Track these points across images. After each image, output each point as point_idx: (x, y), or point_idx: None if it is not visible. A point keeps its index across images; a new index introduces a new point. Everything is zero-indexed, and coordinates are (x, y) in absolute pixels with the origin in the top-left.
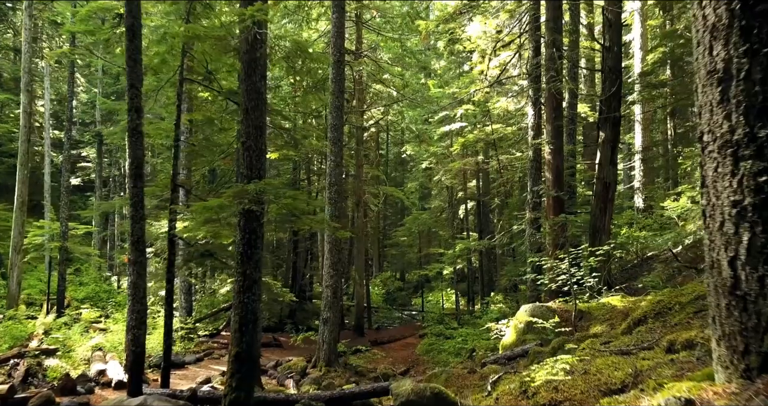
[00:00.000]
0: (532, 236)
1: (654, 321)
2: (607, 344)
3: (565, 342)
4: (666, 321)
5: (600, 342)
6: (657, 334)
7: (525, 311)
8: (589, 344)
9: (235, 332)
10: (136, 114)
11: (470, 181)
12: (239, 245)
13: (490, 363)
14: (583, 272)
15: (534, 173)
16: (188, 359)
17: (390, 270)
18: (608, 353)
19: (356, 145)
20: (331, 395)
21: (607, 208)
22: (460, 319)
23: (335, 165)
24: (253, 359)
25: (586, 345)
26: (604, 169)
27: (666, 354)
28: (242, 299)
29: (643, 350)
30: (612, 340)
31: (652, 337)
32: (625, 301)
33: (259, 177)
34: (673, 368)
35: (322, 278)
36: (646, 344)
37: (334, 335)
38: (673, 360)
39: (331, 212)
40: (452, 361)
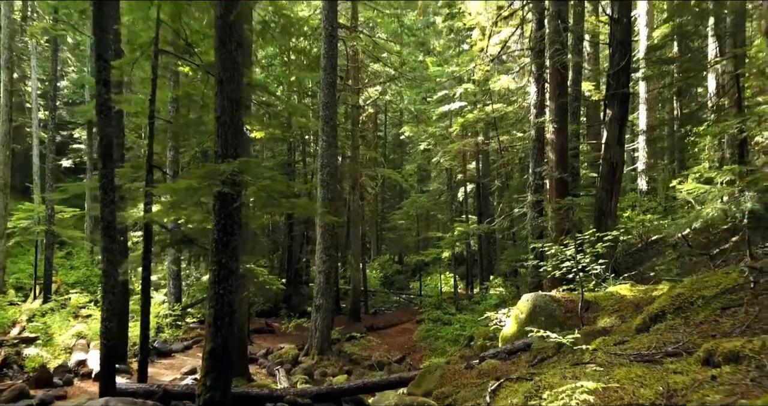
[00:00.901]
0: (533, 220)
1: (674, 317)
2: (622, 345)
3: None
4: (689, 318)
5: (613, 341)
6: (680, 334)
7: (527, 301)
8: (600, 343)
9: (209, 326)
10: (105, 88)
11: (470, 163)
12: (214, 232)
13: (489, 357)
14: (589, 259)
15: (536, 154)
16: (176, 347)
17: (389, 253)
18: (627, 360)
19: (351, 125)
20: (318, 390)
21: (613, 190)
22: (459, 304)
23: (327, 145)
24: (229, 355)
25: (597, 345)
26: (610, 149)
27: (703, 367)
28: (218, 291)
29: (669, 356)
30: (627, 339)
31: (675, 338)
32: (635, 290)
33: (235, 156)
34: (719, 389)
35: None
36: (670, 349)
37: (326, 323)
38: (715, 377)
39: (324, 195)
40: (450, 349)
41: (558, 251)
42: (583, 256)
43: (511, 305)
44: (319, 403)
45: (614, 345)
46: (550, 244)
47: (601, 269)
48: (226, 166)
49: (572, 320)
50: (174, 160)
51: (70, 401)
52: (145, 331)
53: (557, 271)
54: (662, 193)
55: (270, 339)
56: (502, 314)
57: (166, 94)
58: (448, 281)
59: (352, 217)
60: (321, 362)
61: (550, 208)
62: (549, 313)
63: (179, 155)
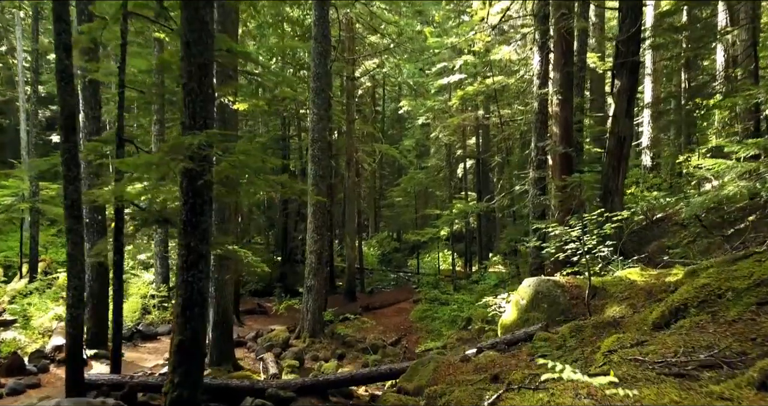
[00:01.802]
0: (535, 198)
1: (699, 312)
2: (641, 347)
3: (577, 329)
4: (717, 315)
5: (630, 340)
6: (711, 335)
7: (528, 286)
8: (615, 343)
9: (177, 316)
10: (65, 53)
11: (470, 138)
12: (182, 212)
13: (487, 348)
14: (596, 240)
15: (539, 127)
16: (162, 329)
17: (387, 230)
18: (653, 370)
19: (347, 98)
20: (302, 383)
21: (620, 166)
22: (456, 284)
23: (319, 119)
24: (200, 348)
25: (611, 345)
26: (618, 122)
27: (759, 393)
28: (186, 278)
29: (705, 368)
30: (645, 339)
31: (705, 341)
32: (646, 275)
33: (204, 127)
34: None
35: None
36: (703, 356)
37: (318, 304)
38: None
39: (315, 172)
40: (446, 332)
41: (563, 232)
42: (590, 237)
43: (510, 286)
44: (303, 396)
45: (632, 346)
46: (554, 224)
47: (608, 251)
48: (192, 139)
49: (578, 308)
50: (159, 135)
51: (42, 390)
52: (118, 318)
53: (561, 253)
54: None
55: (261, 320)
56: (501, 299)
57: (144, 63)
58: (446, 259)
59: (348, 194)
60: (313, 345)
61: (553, 185)
62: (552, 300)
63: (165, 129)
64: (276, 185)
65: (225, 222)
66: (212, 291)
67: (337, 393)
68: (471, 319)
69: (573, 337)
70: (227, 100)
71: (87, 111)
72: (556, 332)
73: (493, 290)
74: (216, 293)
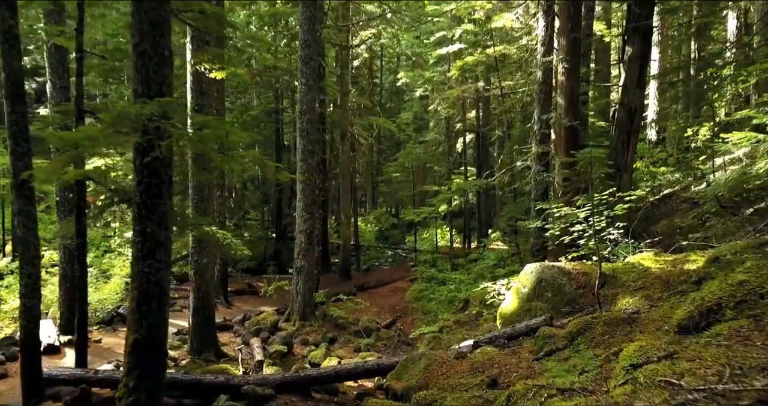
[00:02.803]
0: (538, 175)
1: (738, 316)
2: (671, 362)
3: (586, 325)
4: (761, 321)
5: (655, 351)
6: (759, 349)
7: (531, 273)
8: (636, 354)
9: (133, 312)
10: (9, 12)
11: (469, 111)
12: (135, 193)
13: (485, 343)
14: (605, 222)
15: (543, 99)
16: None
17: (385, 206)
18: None
19: (340, 69)
20: (282, 379)
21: (630, 140)
22: (454, 262)
23: (307, 89)
24: (160, 347)
25: (631, 357)
26: (629, 92)
27: None
28: (142, 268)
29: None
30: (675, 350)
31: (755, 358)
32: (661, 261)
33: (160, 95)
34: None
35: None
36: (759, 385)
37: (309, 286)
38: None
39: (304, 146)
40: (443, 315)
41: (570, 213)
42: (599, 219)
43: (510, 265)
44: (284, 393)
45: (659, 360)
46: (560, 204)
47: (618, 233)
48: (141, 109)
49: (585, 298)
50: None
51: (6, 381)
52: (82, 307)
53: (566, 236)
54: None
55: (251, 302)
56: (501, 285)
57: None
58: (444, 235)
59: (343, 169)
60: (303, 328)
61: (558, 161)
62: (557, 288)
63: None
64: (250, 162)
65: (204, 201)
66: (192, 275)
67: (321, 389)
68: (468, 300)
69: (582, 335)
70: (203, 69)
71: (54, 80)
72: (562, 325)
73: (491, 270)
74: (196, 277)
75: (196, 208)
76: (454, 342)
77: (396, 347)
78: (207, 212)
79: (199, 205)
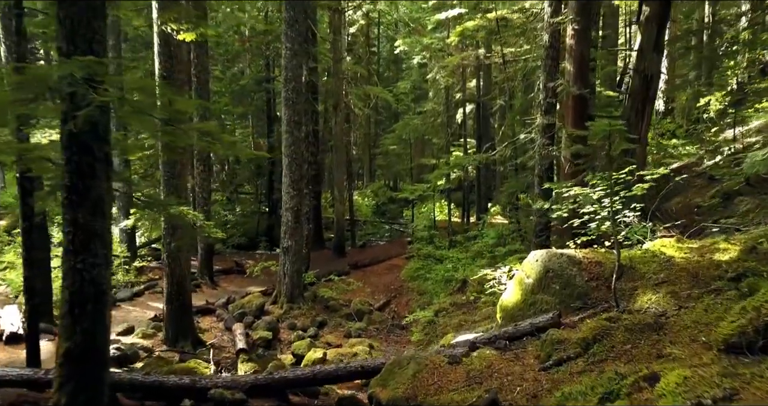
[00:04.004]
0: (542, 149)
1: None
2: None
3: (604, 330)
4: None
5: (709, 390)
6: None
7: (536, 261)
8: (681, 386)
9: (64, 316)
10: None
11: (470, 80)
12: (64, 175)
13: (483, 343)
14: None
15: (549, 65)
16: (123, 295)
17: (383, 179)
18: None
19: (333, 34)
20: (255, 381)
21: (645, 110)
22: (453, 240)
23: (292, 55)
24: (99, 356)
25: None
26: (645, 58)
27: None
28: (74, 264)
29: None
30: (735, 389)
31: None
32: (685, 248)
33: (91, 53)
34: None
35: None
36: None
37: (297, 267)
38: None
39: (290, 116)
40: (438, 299)
41: (583, 194)
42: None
43: (511, 244)
44: (256, 397)
45: (714, 402)
46: (569, 184)
47: (634, 216)
48: (59, 70)
49: (599, 292)
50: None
51: None
52: (32, 298)
53: (576, 219)
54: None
55: (239, 281)
56: (501, 273)
57: None
58: (443, 209)
59: (336, 142)
60: (290, 311)
61: (565, 133)
62: (566, 280)
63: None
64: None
65: (176, 178)
66: (165, 258)
67: (300, 391)
68: (466, 281)
69: (599, 342)
70: (170, 29)
71: (9, 44)
72: (572, 324)
73: (491, 249)
74: (169, 261)
75: (168, 185)
76: (449, 328)
77: (389, 332)
78: (179, 189)
79: (171, 182)
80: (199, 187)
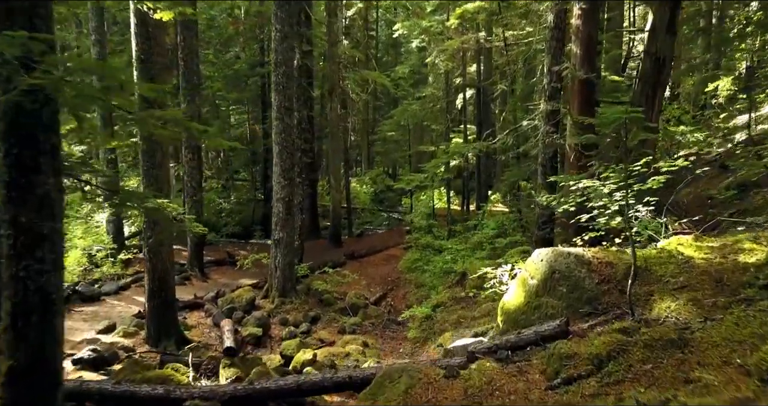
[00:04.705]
0: (546, 136)
1: None
2: None
3: (619, 345)
4: None
5: None
6: None
7: (541, 261)
8: None
9: (6, 330)
10: None
11: (470, 65)
12: (3, 168)
13: (483, 353)
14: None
15: (554, 47)
16: (107, 288)
17: (382, 166)
18: None
19: (328, 16)
20: (234, 392)
21: (656, 95)
22: (452, 229)
23: (282, 37)
24: (47, 374)
25: None
26: (657, 38)
27: None
28: (16, 271)
29: None
30: None
31: None
32: (705, 247)
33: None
34: None
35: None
36: None
37: (289, 259)
38: None
39: (280, 102)
40: (436, 294)
41: (593, 188)
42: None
43: (512, 235)
44: None
45: None
46: (579, 175)
47: (647, 211)
48: None
49: (610, 296)
50: (100, 58)
51: None
52: None
53: (585, 214)
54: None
55: (230, 273)
56: (503, 271)
57: None
58: (442, 197)
59: (332, 128)
60: (282, 306)
61: (570, 120)
62: (574, 282)
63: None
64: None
65: (156, 168)
66: (145, 253)
67: (283, 402)
68: (466, 273)
69: (614, 360)
70: (146, 8)
71: None
72: (581, 332)
73: (491, 241)
74: (150, 256)
75: (147, 176)
76: (448, 325)
77: (385, 327)
78: (160, 181)
79: (151, 173)
80: (188, 175)
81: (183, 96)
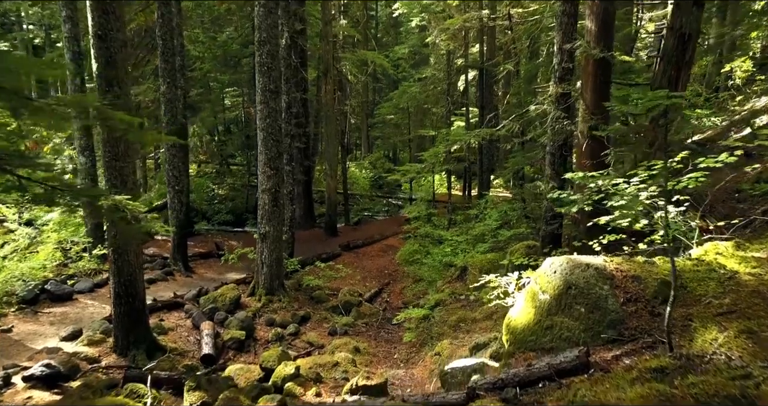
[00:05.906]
0: (556, 122)
1: None
2: None
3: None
4: None
5: None
6: None
7: (554, 272)
8: None
9: None
10: None
11: (473, 45)
12: None
13: (486, 389)
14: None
15: (565, 22)
16: (82, 286)
17: (381, 150)
18: None
19: None
20: None
21: (680, 77)
22: (452, 219)
23: (266, 12)
24: None
25: None
26: (682, 13)
27: None
28: None
29: None
30: None
31: None
32: (750, 258)
33: None
34: None
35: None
36: None
37: (276, 255)
38: None
39: (265, 85)
40: (437, 281)
41: (619, 188)
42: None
43: (516, 227)
44: None
45: None
46: (597, 174)
47: (677, 213)
48: None
49: (639, 320)
50: (74, 40)
51: None
52: None
53: (605, 216)
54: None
55: (216, 267)
56: (508, 283)
57: None
58: (443, 182)
59: (327, 112)
60: (269, 304)
61: (582, 104)
62: (594, 301)
63: (81, 34)
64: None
65: (119, 159)
66: (110, 254)
67: None
68: (466, 268)
69: None
70: None
71: None
72: (606, 367)
73: (494, 233)
74: (114, 257)
75: (109, 168)
76: (446, 327)
77: (379, 328)
78: (124, 173)
79: (113, 165)
80: (169, 163)
81: (162, 78)
